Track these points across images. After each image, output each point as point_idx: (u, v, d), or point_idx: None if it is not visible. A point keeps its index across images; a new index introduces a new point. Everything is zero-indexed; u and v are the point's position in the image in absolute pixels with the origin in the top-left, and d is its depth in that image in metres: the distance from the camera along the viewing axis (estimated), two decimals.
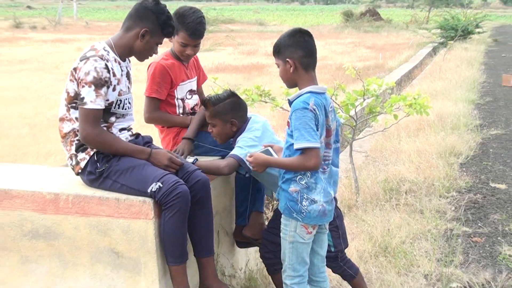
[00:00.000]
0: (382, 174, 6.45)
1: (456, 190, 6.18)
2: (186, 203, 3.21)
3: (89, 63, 3.23)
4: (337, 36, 31.88)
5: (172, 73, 3.97)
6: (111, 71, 3.30)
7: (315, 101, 3.05)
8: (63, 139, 3.45)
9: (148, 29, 3.36)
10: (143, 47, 3.40)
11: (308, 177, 3.12)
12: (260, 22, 46.88)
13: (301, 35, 3.19)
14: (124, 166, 3.31)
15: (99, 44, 3.39)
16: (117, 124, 3.46)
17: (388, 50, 22.86)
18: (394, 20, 44.39)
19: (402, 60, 19.10)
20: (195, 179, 3.37)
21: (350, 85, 9.04)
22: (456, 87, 12.57)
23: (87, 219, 3.33)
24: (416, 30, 29.82)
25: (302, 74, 3.16)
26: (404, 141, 7.69)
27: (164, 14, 3.37)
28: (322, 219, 3.20)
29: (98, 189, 3.37)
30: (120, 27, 3.44)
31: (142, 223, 3.25)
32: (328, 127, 3.15)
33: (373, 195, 5.87)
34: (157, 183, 3.18)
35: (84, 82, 3.22)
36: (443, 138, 7.82)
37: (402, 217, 5.27)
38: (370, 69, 16.60)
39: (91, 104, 3.23)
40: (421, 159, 6.85)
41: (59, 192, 3.38)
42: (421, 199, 5.76)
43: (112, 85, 3.32)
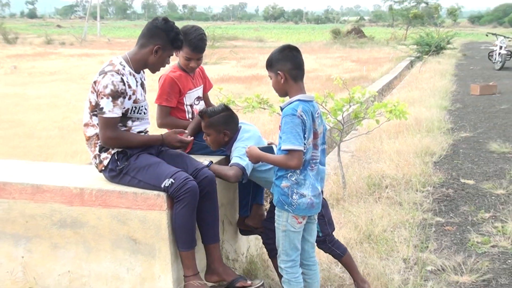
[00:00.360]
0: (366, 171, 6.43)
1: (430, 185, 6.16)
2: (195, 197, 3.21)
3: (107, 77, 3.24)
4: (327, 51, 31.87)
5: (180, 83, 3.97)
6: (127, 83, 3.30)
7: (303, 108, 3.06)
8: (87, 142, 3.45)
9: (160, 46, 3.35)
10: (156, 61, 3.41)
11: (298, 174, 3.12)
12: (260, 39, 46.92)
13: (290, 50, 3.19)
14: (141, 164, 3.31)
15: (117, 59, 3.39)
16: (134, 127, 3.46)
17: (371, 63, 22.84)
18: (376, 37, 44.41)
19: (383, 72, 19.09)
20: (203, 175, 3.37)
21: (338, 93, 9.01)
22: (430, 96, 12.56)
23: (109, 211, 3.32)
24: (396, 46, 29.83)
25: (291, 85, 3.16)
26: (385, 143, 7.67)
27: (173, 30, 3.37)
28: (311, 211, 3.20)
29: (118, 185, 3.36)
30: (136, 44, 3.44)
31: (156, 214, 3.24)
32: (315, 130, 3.15)
33: (358, 189, 5.85)
34: (169, 179, 3.18)
35: (103, 94, 3.23)
36: (419, 140, 7.80)
37: (384, 208, 5.25)
38: (355, 79, 16.57)
39: (109, 113, 3.25)
40: (400, 158, 6.84)
41: (84, 187, 3.37)
42: (400, 193, 5.74)
43: (127, 95, 3.32)
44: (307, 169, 3.14)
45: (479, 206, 5.56)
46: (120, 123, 3.36)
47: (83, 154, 7.43)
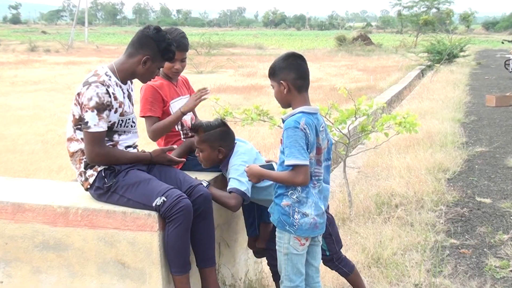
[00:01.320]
0: (374, 188, 6.41)
1: (444, 204, 6.13)
2: (188, 216, 3.19)
3: (91, 89, 3.22)
4: (331, 59, 32.01)
5: (163, 92, 3.98)
6: (112, 95, 3.29)
7: (306, 120, 3.06)
8: (71, 158, 3.44)
9: (150, 56, 3.35)
10: (144, 72, 3.41)
11: (299, 191, 3.12)
12: (259, 46, 47.13)
13: (294, 58, 3.19)
14: (131, 181, 3.29)
15: (102, 69, 3.38)
16: (122, 142, 3.45)
17: (379, 72, 22.93)
18: (384, 45, 44.64)
19: (392, 82, 19.15)
20: (198, 193, 3.35)
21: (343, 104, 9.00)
22: (443, 107, 12.58)
23: (95, 231, 3.29)
24: (405, 54, 29.95)
25: (295, 95, 3.16)
26: (395, 158, 7.66)
27: (165, 41, 3.36)
28: (314, 232, 3.18)
29: (106, 203, 3.34)
30: (124, 53, 3.43)
31: (147, 235, 3.21)
32: (318, 145, 3.14)
33: (366, 208, 5.83)
34: (161, 197, 3.16)
35: (87, 107, 3.22)
36: (431, 155, 7.79)
37: (393, 229, 5.23)
38: (362, 90, 16.61)
39: (95, 127, 3.23)
40: (411, 175, 6.82)
41: (69, 205, 3.35)
42: (411, 213, 5.72)
43: (113, 108, 3.31)
44: (309, 186, 3.13)
45: (497, 227, 5.53)
46: (106, 137, 3.34)
47: (69, 170, 7.41)
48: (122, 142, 3.45)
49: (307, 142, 3.04)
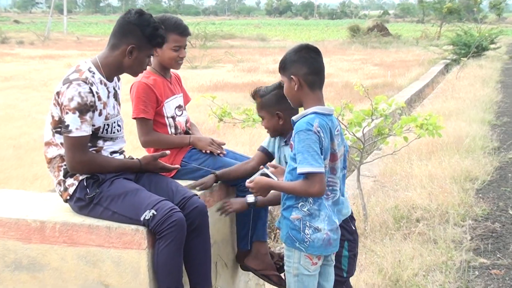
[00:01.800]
0: (392, 200, 6.41)
1: (472, 218, 6.13)
2: (181, 231, 3.19)
3: (72, 88, 3.21)
4: (343, 53, 32.05)
5: (157, 90, 3.98)
6: (96, 94, 3.28)
7: (320, 122, 3.05)
8: (49, 165, 3.44)
9: (135, 45, 3.34)
10: (132, 64, 3.40)
11: (311, 203, 3.11)
12: (262, 38, 47.23)
13: (308, 51, 3.19)
14: (116, 192, 3.29)
15: (85, 64, 3.38)
16: (107, 147, 3.45)
17: (397, 67, 22.94)
18: (403, 36, 44.68)
19: (412, 78, 19.16)
20: (192, 205, 3.35)
21: (357, 104, 9.02)
22: (471, 107, 12.58)
23: (75, 249, 3.29)
24: (427, 47, 29.98)
25: (307, 93, 3.16)
26: (415, 165, 7.66)
27: (150, 25, 3.35)
28: (327, 249, 3.18)
29: (87, 217, 3.34)
30: (106, 45, 3.42)
31: (134, 253, 3.21)
32: (333, 151, 3.13)
33: (383, 223, 5.83)
34: (151, 210, 3.16)
35: (68, 108, 3.20)
36: (458, 162, 7.79)
37: (414, 247, 5.23)
38: (378, 87, 16.62)
39: (77, 131, 3.22)
40: (434, 185, 6.82)
41: (45, 219, 3.35)
42: (434, 228, 5.72)
43: (97, 110, 3.30)
44: (322, 197, 3.12)
45: None
46: (90, 142, 3.34)
47: (45, 179, 7.41)
48: (107, 147, 3.45)
49: (321, 147, 3.04)
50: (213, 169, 3.91)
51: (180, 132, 4.13)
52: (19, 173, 8.18)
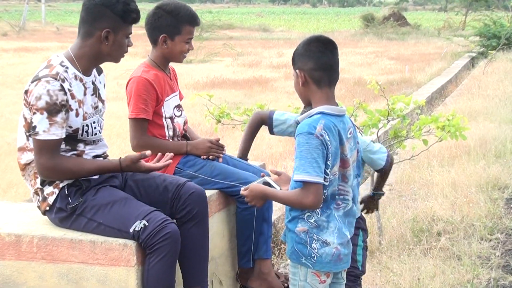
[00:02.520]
0: (410, 211, 6.41)
1: (501, 231, 6.13)
2: (175, 245, 3.21)
3: (40, 86, 3.22)
4: (356, 45, 32.03)
5: (158, 86, 3.96)
6: (69, 92, 3.28)
7: (325, 124, 3.06)
8: (23, 172, 3.44)
9: (110, 28, 3.35)
10: (111, 49, 3.40)
11: (319, 214, 3.13)
12: (264, 28, 47.18)
13: (318, 44, 3.21)
14: (103, 201, 3.30)
15: (57, 58, 3.38)
16: (89, 151, 3.46)
17: (416, 61, 22.93)
18: (423, 26, 44.60)
19: (433, 74, 19.14)
20: (189, 191, 3.38)
21: (371, 103, 9.04)
22: (500, 106, 12.56)
23: (55, 266, 3.31)
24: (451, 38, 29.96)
25: (314, 90, 3.18)
26: (436, 172, 7.66)
27: (119, 1, 3.34)
28: (337, 265, 3.19)
29: (69, 230, 3.36)
30: (77, 35, 3.43)
31: (122, 271, 3.23)
32: (344, 156, 3.15)
33: (400, 237, 5.84)
34: (141, 221, 3.18)
35: (35, 108, 3.21)
36: (484, 168, 7.79)
37: (435, 264, 5.23)
38: (394, 84, 16.62)
39: (44, 134, 3.22)
40: (458, 194, 6.83)
41: (21, 233, 3.37)
42: (458, 242, 5.72)
43: (73, 110, 3.30)
44: (331, 207, 3.14)
45: None
46: (69, 146, 3.35)
47: (20, 187, 7.42)
48: (89, 151, 3.46)
49: (327, 153, 3.05)
50: (210, 177, 3.93)
51: (178, 135, 4.12)
52: None
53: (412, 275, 4.97)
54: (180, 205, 3.32)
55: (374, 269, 5.21)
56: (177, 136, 4.12)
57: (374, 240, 5.73)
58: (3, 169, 8.75)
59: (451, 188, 7.01)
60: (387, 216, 6.22)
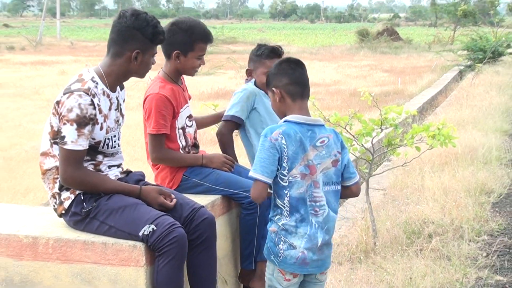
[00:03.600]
0: (403, 215, 6.41)
1: (488, 233, 6.13)
2: (182, 248, 3.21)
3: (72, 98, 3.23)
4: (351, 58, 32.08)
5: (174, 101, 3.95)
6: (97, 107, 3.30)
7: (284, 130, 3.19)
8: (44, 176, 3.46)
9: (140, 49, 3.37)
10: (139, 67, 3.43)
11: (287, 218, 3.23)
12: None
13: (288, 63, 3.38)
14: (115, 206, 3.31)
15: (88, 73, 3.39)
16: (106, 161, 3.47)
17: (408, 74, 22.96)
18: (414, 40, 44.70)
19: (424, 85, 19.17)
20: (202, 217, 3.38)
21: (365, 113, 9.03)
22: (487, 116, 12.56)
23: (70, 266, 3.31)
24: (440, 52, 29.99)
25: (289, 104, 3.32)
26: (428, 177, 7.66)
27: (149, 25, 3.37)
28: (302, 268, 3.26)
29: (82, 232, 3.36)
30: (107, 53, 3.44)
31: (132, 271, 3.23)
32: (310, 163, 3.22)
33: (393, 238, 5.83)
34: (150, 225, 3.18)
35: (66, 119, 3.22)
36: (473, 174, 7.78)
37: (427, 264, 5.23)
38: (388, 95, 16.64)
39: (72, 144, 3.24)
40: (447, 198, 6.82)
41: (38, 235, 3.37)
42: (447, 244, 5.72)
43: (98, 124, 3.33)
44: (303, 212, 3.22)
45: None
46: (88, 156, 3.37)
47: (37, 192, 7.44)
48: (106, 162, 3.48)
49: (281, 156, 3.18)
50: (215, 185, 3.93)
51: (189, 145, 4.11)
52: (10, 186, 8.20)
53: (404, 274, 4.97)
54: (192, 228, 3.33)
55: (368, 268, 5.20)
56: (188, 146, 4.10)
57: (369, 242, 5.73)
58: (22, 175, 8.77)
59: (442, 192, 7.01)
60: (382, 219, 6.22)
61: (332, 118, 5.51)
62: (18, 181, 8.47)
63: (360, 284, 4.92)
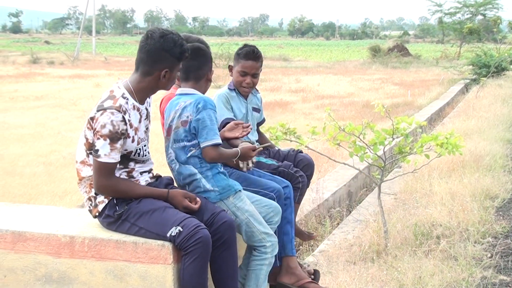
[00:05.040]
0: (413, 218, 6.36)
1: (492, 236, 6.07)
2: (207, 248, 3.20)
3: (105, 116, 3.25)
4: (364, 72, 32.02)
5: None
6: (128, 122, 3.32)
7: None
8: (80, 181, 3.48)
9: (168, 68, 3.38)
10: (166, 83, 3.45)
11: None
12: (284, 58, 47.30)
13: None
14: (144, 209, 3.32)
15: (118, 90, 3.39)
16: (138, 168, 3.49)
17: (417, 86, 22.88)
18: (423, 56, 44.57)
19: (432, 98, 19.09)
20: (221, 220, 3.37)
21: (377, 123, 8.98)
22: (491, 126, 12.46)
23: (103, 264, 3.32)
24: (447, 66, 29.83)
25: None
26: (436, 183, 7.61)
27: (176, 45, 3.37)
28: None
29: (115, 233, 3.37)
30: (135, 70, 3.43)
31: (160, 268, 3.23)
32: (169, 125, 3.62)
33: (403, 240, 5.79)
34: (177, 227, 3.19)
35: (99, 134, 3.25)
36: (478, 180, 7.72)
37: (435, 264, 5.19)
38: (398, 106, 16.58)
39: (105, 157, 3.26)
40: (454, 202, 6.77)
41: (74, 235, 3.38)
42: (454, 245, 5.67)
43: (130, 137, 3.35)
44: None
45: None
46: (121, 165, 3.38)
47: (74, 195, 7.49)
48: (138, 168, 3.49)
49: None
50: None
51: None
52: (49, 189, 8.27)
53: (414, 273, 4.93)
54: (212, 231, 3.33)
55: (380, 268, 5.17)
56: None
57: (381, 243, 5.69)
58: (60, 179, 8.84)
59: (449, 197, 6.96)
60: (393, 222, 6.18)
61: (347, 128, 5.49)
62: (56, 184, 8.54)
63: (372, 282, 4.88)
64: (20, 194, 7.99)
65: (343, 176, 8.25)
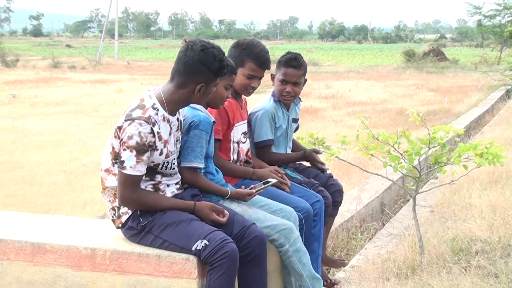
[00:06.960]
0: (450, 232, 6.28)
1: None
2: (234, 263, 3.19)
3: (133, 127, 3.25)
4: (398, 78, 31.81)
5: (230, 112, 3.99)
6: (157, 135, 3.32)
7: None
8: (104, 190, 3.50)
9: (204, 83, 3.38)
10: (200, 98, 3.44)
11: None
12: (314, 62, 47.32)
13: None
14: (169, 221, 3.33)
15: (149, 99, 3.39)
16: (165, 181, 3.50)
17: (455, 93, 22.66)
18: (461, 61, 44.18)
19: (471, 104, 18.88)
20: (252, 235, 3.36)
21: (412, 131, 8.91)
22: None
23: (125, 278, 3.33)
24: (487, 72, 29.55)
25: None
26: (475, 195, 7.51)
27: (216, 60, 3.36)
28: None
29: (138, 245, 3.38)
30: (170, 80, 3.43)
31: (184, 283, 3.23)
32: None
33: (440, 255, 5.72)
34: (203, 240, 3.18)
35: (126, 145, 3.25)
36: None
37: (474, 281, 5.11)
38: (434, 113, 16.42)
39: (131, 169, 3.27)
40: (495, 216, 6.67)
41: (96, 247, 3.40)
42: (495, 261, 5.58)
43: (158, 150, 3.35)
44: None
45: None
46: (148, 177, 3.39)
47: (95, 205, 7.53)
48: (165, 181, 3.50)
49: None
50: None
51: (241, 160, 4.13)
52: (69, 199, 8.32)
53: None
54: (242, 245, 3.32)
55: (415, 285, 5.11)
56: (240, 161, 4.12)
57: (416, 258, 5.63)
58: (80, 188, 8.89)
59: (490, 210, 6.86)
60: (428, 236, 6.11)
61: (381, 137, 5.46)
62: (77, 194, 8.58)
63: None
64: (40, 203, 8.05)
65: (375, 187, 8.20)
